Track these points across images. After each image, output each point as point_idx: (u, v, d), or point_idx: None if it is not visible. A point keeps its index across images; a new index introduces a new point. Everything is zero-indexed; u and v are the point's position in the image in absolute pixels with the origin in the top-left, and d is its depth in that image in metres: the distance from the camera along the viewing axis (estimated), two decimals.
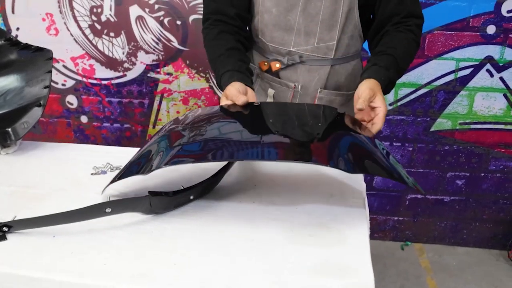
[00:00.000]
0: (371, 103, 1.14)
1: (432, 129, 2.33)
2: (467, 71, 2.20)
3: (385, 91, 1.24)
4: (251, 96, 1.18)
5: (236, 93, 1.15)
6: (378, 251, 2.42)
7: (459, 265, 2.42)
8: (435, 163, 2.39)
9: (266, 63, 1.38)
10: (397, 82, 2.21)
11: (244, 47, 1.37)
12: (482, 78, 2.20)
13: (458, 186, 2.42)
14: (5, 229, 0.93)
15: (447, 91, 2.25)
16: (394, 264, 2.37)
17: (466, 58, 2.17)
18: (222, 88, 1.24)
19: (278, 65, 1.35)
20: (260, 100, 1.41)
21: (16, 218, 0.96)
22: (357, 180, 1.23)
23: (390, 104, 2.31)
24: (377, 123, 1.14)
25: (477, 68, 2.19)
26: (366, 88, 1.14)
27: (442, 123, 2.32)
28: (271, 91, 1.42)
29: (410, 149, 2.38)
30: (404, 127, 2.34)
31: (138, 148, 1.40)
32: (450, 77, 2.22)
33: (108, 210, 0.94)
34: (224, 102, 1.18)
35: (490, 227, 2.50)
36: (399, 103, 2.30)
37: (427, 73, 2.23)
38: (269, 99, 1.42)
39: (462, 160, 2.37)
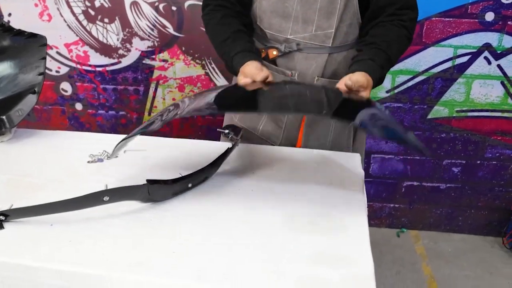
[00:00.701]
0: (359, 93, 1.14)
1: (429, 116, 2.33)
2: (464, 59, 2.19)
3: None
4: (269, 74, 1.17)
5: (255, 70, 1.15)
6: (374, 238, 2.43)
7: (454, 252, 2.44)
8: (431, 151, 2.39)
9: (263, 50, 1.36)
10: (394, 69, 2.23)
11: (248, 31, 1.36)
12: (479, 66, 2.19)
13: (454, 173, 2.43)
14: (1, 218, 0.92)
15: (444, 79, 2.24)
16: (389, 251, 2.38)
17: (464, 45, 2.16)
18: (235, 69, 1.23)
19: (275, 53, 1.34)
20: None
21: (12, 207, 0.95)
22: (356, 168, 1.22)
23: (387, 92, 2.30)
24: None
25: (474, 56, 2.18)
26: (363, 77, 1.14)
27: (439, 111, 2.31)
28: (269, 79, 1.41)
29: None
30: (401, 114, 2.33)
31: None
32: (448, 65, 2.21)
33: (106, 198, 0.93)
34: (242, 80, 1.16)
35: (485, 214, 2.52)
36: (396, 91, 2.29)
37: (425, 60, 2.22)
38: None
39: (458, 148, 2.37)
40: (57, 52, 2.41)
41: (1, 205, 0.99)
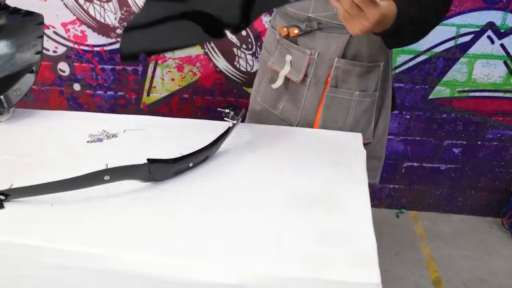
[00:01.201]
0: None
1: (430, 96, 2.31)
2: (467, 38, 2.16)
3: (390, 40, 1.13)
4: None
5: None
6: (373, 218, 2.41)
7: (453, 233, 2.45)
8: (432, 131, 2.38)
9: (285, 28, 1.34)
10: (396, 48, 2.19)
11: None
12: (482, 45, 2.17)
13: (454, 154, 2.42)
14: (1, 197, 0.91)
15: (446, 58, 2.22)
16: (389, 231, 2.39)
17: (467, 24, 2.13)
18: None
19: (296, 31, 1.32)
20: (278, 68, 1.39)
21: (12, 187, 0.94)
22: (358, 147, 1.21)
23: None
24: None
25: (477, 35, 2.15)
26: None
27: (440, 91, 2.29)
28: (288, 57, 1.37)
29: (408, 117, 2.36)
30: (402, 94, 2.31)
31: (135, 116, 1.38)
32: (450, 44, 2.18)
33: (107, 177, 0.92)
34: None
35: (485, 195, 2.52)
36: (397, 70, 2.27)
37: (427, 39, 2.16)
38: (287, 66, 1.38)
39: (459, 128, 2.36)
40: (54, 32, 2.38)
41: (0, 185, 0.98)
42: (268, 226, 0.89)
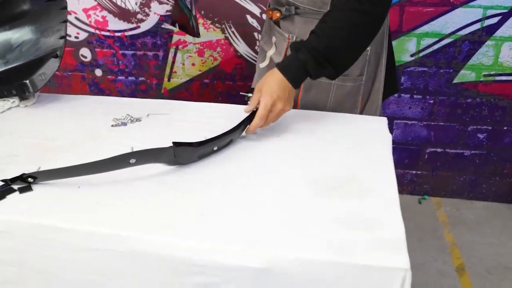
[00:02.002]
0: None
1: (455, 81, 2.27)
2: (494, 20, 2.10)
3: (313, 73, 1.12)
4: None
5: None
6: None
7: (477, 219, 2.41)
8: (456, 116, 2.34)
9: (270, 11, 1.38)
10: (420, 31, 2.16)
11: None
12: (510, 27, 2.11)
13: (479, 140, 2.37)
14: (30, 180, 0.92)
15: (472, 41, 2.17)
16: (411, 217, 2.37)
17: (494, 5, 2.07)
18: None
19: (278, 15, 1.35)
20: (267, 48, 1.46)
21: (40, 169, 0.95)
22: (383, 131, 1.20)
23: (411, 55, 2.24)
24: (255, 118, 1.10)
25: (505, 16, 2.09)
26: (257, 87, 1.14)
27: (465, 75, 2.25)
28: (274, 39, 1.42)
29: (431, 101, 2.32)
30: (425, 79, 2.27)
31: (158, 100, 1.38)
32: (476, 26, 2.13)
33: (132, 161, 0.92)
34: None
35: (510, 182, 2.47)
36: (421, 54, 2.23)
37: (452, 22, 2.14)
38: (272, 48, 1.43)
39: (484, 113, 2.31)
40: (76, 18, 2.39)
41: (28, 168, 0.99)
42: (294, 210, 0.88)
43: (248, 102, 1.17)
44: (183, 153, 0.99)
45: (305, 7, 1.29)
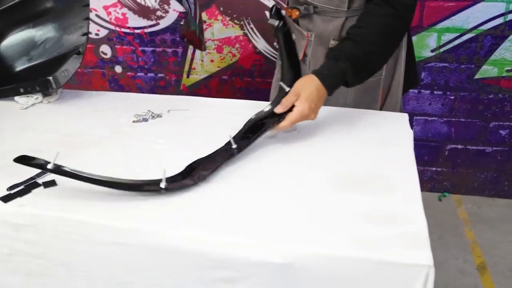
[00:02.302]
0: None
1: (476, 76, 2.23)
2: None
3: (351, 81, 1.14)
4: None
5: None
6: None
7: (499, 217, 2.37)
8: (477, 113, 2.30)
9: (289, 9, 1.39)
10: (441, 26, 2.13)
11: None
12: None
13: (501, 136, 2.34)
14: (49, 167, 0.89)
15: (494, 36, 2.13)
16: (431, 215, 2.32)
17: None
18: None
19: (297, 13, 1.37)
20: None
21: (64, 167, 0.94)
22: (404, 127, 1.19)
23: (432, 51, 2.21)
24: (285, 120, 1.08)
25: None
26: (294, 90, 1.10)
27: (487, 70, 2.21)
28: (293, 36, 1.40)
29: (452, 97, 2.29)
30: (446, 74, 2.24)
31: (179, 96, 1.39)
32: (499, 21, 2.09)
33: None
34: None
35: None
36: (441, 49, 2.20)
37: (474, 16, 2.11)
38: None
39: (507, 109, 2.27)
40: (96, 15, 2.41)
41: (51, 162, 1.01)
42: (315, 205, 0.88)
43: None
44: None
45: (323, 6, 1.30)
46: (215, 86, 2.49)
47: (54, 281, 0.94)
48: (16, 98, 1.35)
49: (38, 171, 0.97)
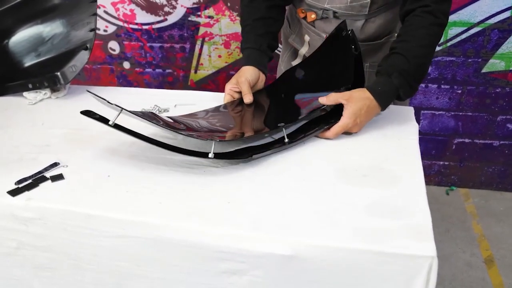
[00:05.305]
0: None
1: (484, 70, 2.22)
2: None
3: (404, 95, 1.15)
4: (260, 85, 1.29)
5: (246, 90, 1.23)
6: None
7: (506, 211, 2.37)
8: (485, 106, 2.30)
9: (303, 11, 1.38)
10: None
11: (278, 12, 1.37)
12: None
13: (509, 130, 2.32)
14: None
15: (501, 30, 2.12)
16: (438, 208, 2.34)
17: None
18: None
19: (313, 16, 1.35)
20: (298, 46, 1.46)
21: (71, 159, 0.96)
22: (409, 120, 1.19)
23: (439, 45, 2.19)
24: (329, 131, 1.09)
25: None
26: (346, 96, 1.11)
27: (494, 64, 2.20)
28: (307, 38, 1.42)
29: (459, 91, 2.28)
30: (453, 68, 2.23)
31: (185, 91, 1.40)
32: (506, 14, 2.08)
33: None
34: (231, 86, 1.27)
35: None
36: (448, 44, 2.19)
37: (481, 10, 2.09)
38: (305, 46, 1.43)
39: None
40: (105, 11, 2.43)
41: (60, 157, 1.03)
42: (321, 198, 0.89)
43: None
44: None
45: (343, 12, 1.29)
46: (222, 82, 2.49)
47: (62, 274, 0.95)
48: (24, 93, 1.36)
49: (46, 165, 0.99)
